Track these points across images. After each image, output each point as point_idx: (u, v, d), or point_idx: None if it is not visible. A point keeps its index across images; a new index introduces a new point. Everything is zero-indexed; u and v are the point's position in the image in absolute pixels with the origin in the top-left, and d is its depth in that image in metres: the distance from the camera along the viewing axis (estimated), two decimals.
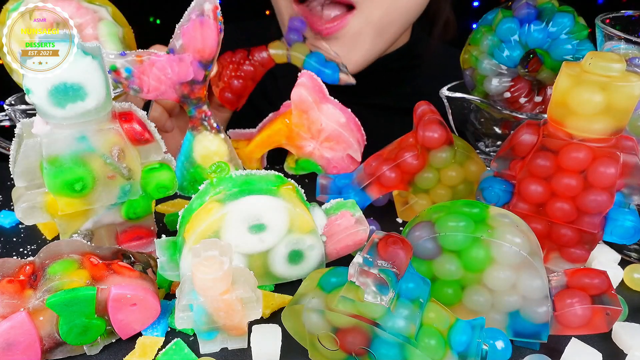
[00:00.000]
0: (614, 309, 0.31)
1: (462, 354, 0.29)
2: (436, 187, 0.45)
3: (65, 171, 0.35)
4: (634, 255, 0.43)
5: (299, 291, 0.33)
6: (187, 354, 0.33)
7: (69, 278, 0.31)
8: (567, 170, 0.36)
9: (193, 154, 0.48)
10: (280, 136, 0.50)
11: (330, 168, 0.50)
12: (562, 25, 0.46)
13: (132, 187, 0.38)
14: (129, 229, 0.41)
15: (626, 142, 0.35)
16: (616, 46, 0.40)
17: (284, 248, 0.37)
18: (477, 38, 0.51)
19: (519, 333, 0.34)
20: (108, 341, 0.34)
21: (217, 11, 0.42)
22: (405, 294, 0.30)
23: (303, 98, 0.46)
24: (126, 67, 0.41)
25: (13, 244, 0.44)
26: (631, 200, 0.37)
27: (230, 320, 0.32)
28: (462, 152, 0.44)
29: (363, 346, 0.30)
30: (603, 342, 0.35)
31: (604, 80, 0.33)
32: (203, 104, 0.46)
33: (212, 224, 0.35)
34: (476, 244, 0.32)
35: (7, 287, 0.30)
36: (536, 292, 0.32)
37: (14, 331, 0.30)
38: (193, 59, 0.43)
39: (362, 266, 0.28)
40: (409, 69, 0.69)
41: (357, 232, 0.38)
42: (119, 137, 0.36)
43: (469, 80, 0.54)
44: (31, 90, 0.33)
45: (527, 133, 0.38)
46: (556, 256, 0.39)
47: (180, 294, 0.32)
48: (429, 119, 0.43)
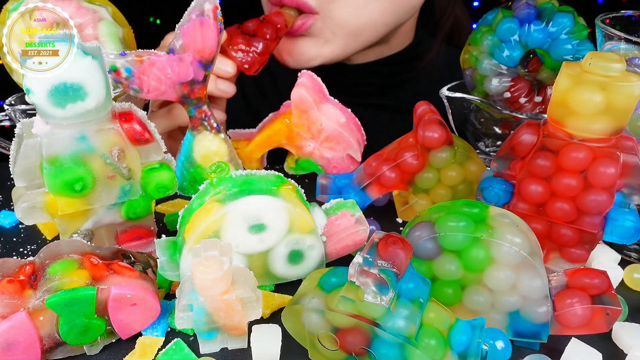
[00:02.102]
0: (614, 309, 0.31)
1: (462, 354, 0.29)
2: (436, 187, 0.45)
3: (65, 171, 0.35)
4: (634, 255, 0.43)
5: (299, 291, 0.33)
6: (187, 354, 0.33)
7: (69, 278, 0.31)
8: (567, 170, 0.36)
9: (193, 154, 0.48)
10: (280, 136, 0.50)
11: (330, 168, 0.50)
12: (562, 25, 0.46)
13: (132, 187, 0.38)
14: (129, 229, 0.41)
15: (626, 142, 0.35)
16: (616, 46, 0.40)
17: (284, 248, 0.37)
18: (477, 38, 0.51)
19: (519, 333, 0.34)
20: (108, 341, 0.34)
21: (217, 11, 0.42)
22: (405, 294, 0.30)
23: (303, 98, 0.46)
24: (126, 67, 0.41)
25: (13, 244, 0.44)
26: (631, 200, 0.37)
27: (230, 320, 0.32)
28: (462, 152, 0.44)
29: (363, 346, 0.30)
30: (603, 342, 0.35)
31: (604, 80, 0.33)
32: (203, 104, 0.46)
33: (212, 224, 0.35)
34: (476, 244, 0.32)
35: (7, 287, 0.30)
36: (536, 292, 0.32)
37: (14, 331, 0.30)
38: (193, 59, 0.43)
39: (362, 266, 0.28)
40: (409, 71, 0.69)
41: (357, 232, 0.38)
42: (119, 137, 0.36)
43: (469, 80, 0.54)
44: (31, 90, 0.33)
45: (527, 133, 0.38)
46: (556, 256, 0.39)
47: (180, 294, 0.32)
48: (429, 119, 0.43)
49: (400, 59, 0.67)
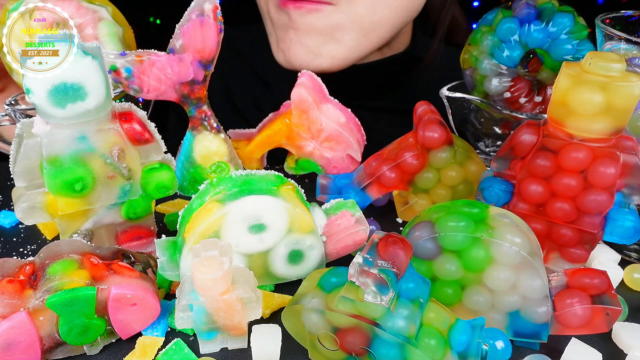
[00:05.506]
0: (614, 309, 0.31)
1: (462, 354, 0.29)
2: (436, 187, 0.45)
3: (65, 171, 0.35)
4: (634, 255, 0.43)
5: (299, 291, 0.33)
6: (187, 354, 0.33)
7: (69, 278, 0.31)
8: (567, 170, 0.36)
9: (193, 154, 0.48)
10: (280, 136, 0.50)
11: (330, 168, 0.50)
12: (562, 25, 0.46)
13: (132, 187, 0.38)
14: (129, 229, 0.41)
15: (626, 142, 0.35)
16: (616, 46, 0.40)
17: (284, 248, 0.37)
18: (477, 38, 0.51)
19: (519, 333, 0.34)
20: (108, 341, 0.34)
21: (217, 11, 0.42)
22: (405, 294, 0.30)
23: (303, 98, 0.46)
24: (126, 67, 0.42)
25: (13, 244, 0.44)
26: (631, 200, 0.37)
27: (230, 320, 0.32)
28: (462, 152, 0.44)
29: (363, 346, 0.30)
30: (603, 342, 0.35)
31: (604, 80, 0.33)
32: (203, 104, 0.46)
33: (212, 224, 0.35)
34: (476, 244, 0.32)
35: (7, 287, 0.30)
36: (536, 292, 0.32)
37: (14, 331, 0.30)
38: (193, 59, 0.43)
39: (362, 266, 0.28)
40: (409, 71, 0.69)
41: (357, 232, 0.38)
42: (119, 137, 0.36)
43: (469, 80, 0.54)
44: (31, 90, 0.33)
45: (527, 133, 0.38)
46: (556, 256, 0.39)
47: (180, 294, 0.32)
48: (429, 119, 0.43)
49: (401, 59, 0.67)
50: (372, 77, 0.62)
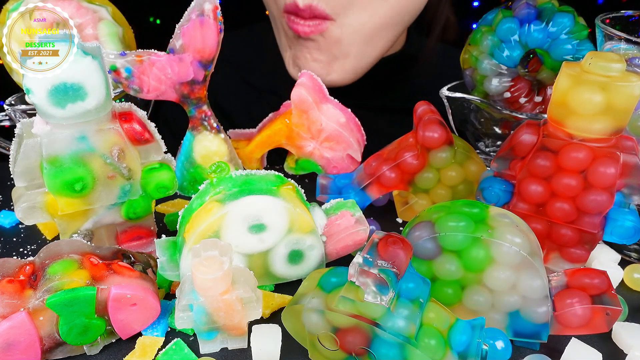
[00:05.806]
0: (614, 309, 0.31)
1: (462, 354, 0.29)
2: (436, 187, 0.45)
3: (65, 171, 0.35)
4: (634, 255, 0.43)
5: (299, 291, 0.33)
6: (187, 354, 0.33)
7: (69, 278, 0.31)
8: (567, 170, 0.36)
9: (193, 154, 0.48)
10: (280, 136, 0.50)
11: (330, 168, 0.50)
12: (562, 25, 0.46)
13: (132, 187, 0.38)
14: (129, 229, 0.41)
15: (626, 142, 0.35)
16: (616, 46, 0.40)
17: (284, 248, 0.37)
18: (477, 38, 0.51)
19: (519, 333, 0.34)
20: (108, 341, 0.34)
21: (217, 11, 0.42)
22: (405, 294, 0.30)
23: (303, 98, 0.46)
24: (126, 67, 0.42)
25: (13, 244, 0.44)
26: (631, 200, 0.37)
27: (230, 320, 0.32)
28: (462, 152, 0.44)
29: (363, 346, 0.30)
30: (603, 342, 0.35)
31: (604, 80, 0.33)
32: (203, 104, 0.46)
33: (212, 224, 0.35)
34: (476, 244, 0.32)
35: (7, 287, 0.30)
36: (536, 292, 0.32)
37: (14, 331, 0.30)
38: (193, 59, 0.43)
39: (362, 266, 0.28)
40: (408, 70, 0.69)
41: (357, 232, 0.38)
42: (119, 137, 0.36)
43: (469, 80, 0.54)
44: (31, 90, 0.33)
45: (527, 133, 0.38)
46: (556, 256, 0.39)
47: (180, 294, 0.32)
48: (429, 119, 0.43)
49: (399, 58, 0.67)
50: (370, 76, 0.62)
